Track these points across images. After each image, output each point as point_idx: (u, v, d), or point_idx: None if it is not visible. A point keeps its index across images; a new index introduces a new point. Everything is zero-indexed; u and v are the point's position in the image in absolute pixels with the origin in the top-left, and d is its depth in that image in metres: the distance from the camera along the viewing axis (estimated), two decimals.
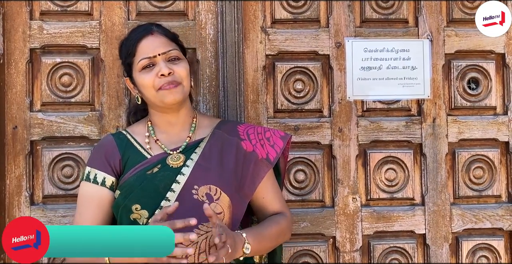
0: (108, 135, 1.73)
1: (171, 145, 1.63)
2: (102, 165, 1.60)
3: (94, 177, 1.60)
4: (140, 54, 1.59)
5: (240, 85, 1.98)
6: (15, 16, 1.94)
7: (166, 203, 1.52)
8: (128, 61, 1.63)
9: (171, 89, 1.56)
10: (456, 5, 2.11)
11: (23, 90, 1.93)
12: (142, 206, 1.53)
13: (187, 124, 1.68)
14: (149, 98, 1.62)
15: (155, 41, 1.60)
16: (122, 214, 1.55)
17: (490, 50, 2.11)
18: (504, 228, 2.08)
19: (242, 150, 1.64)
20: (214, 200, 1.55)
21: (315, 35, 2.05)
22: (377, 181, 2.06)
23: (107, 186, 1.59)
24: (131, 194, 1.54)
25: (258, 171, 1.65)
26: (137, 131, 1.68)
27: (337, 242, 2.01)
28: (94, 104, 1.97)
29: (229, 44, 1.98)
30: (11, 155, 1.91)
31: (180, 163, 1.59)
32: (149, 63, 1.58)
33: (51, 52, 1.96)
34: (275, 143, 1.70)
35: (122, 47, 1.67)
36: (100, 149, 1.66)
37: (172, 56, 1.60)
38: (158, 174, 1.57)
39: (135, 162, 1.60)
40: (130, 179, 1.57)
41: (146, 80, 1.58)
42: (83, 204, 1.61)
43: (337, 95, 2.04)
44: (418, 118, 2.07)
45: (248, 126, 1.75)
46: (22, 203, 1.91)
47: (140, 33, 1.62)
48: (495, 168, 2.10)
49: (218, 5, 1.98)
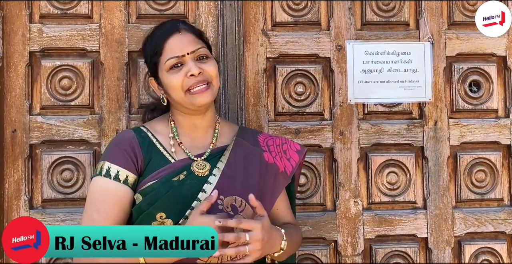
0: (128, 130, 1.63)
1: (194, 150, 1.56)
2: (125, 161, 1.50)
3: (116, 173, 1.48)
4: (168, 53, 1.51)
5: (241, 88, 1.98)
6: (14, 19, 1.93)
7: (191, 213, 1.43)
8: (154, 60, 1.55)
9: (203, 93, 1.50)
10: (457, 7, 2.11)
11: (23, 93, 1.92)
12: (167, 214, 1.45)
13: (210, 128, 1.62)
14: (177, 100, 1.54)
15: (183, 39, 1.53)
16: (143, 220, 1.46)
17: (491, 52, 2.10)
18: (506, 231, 2.07)
19: (264, 161, 1.60)
20: (239, 212, 1.48)
21: (316, 38, 2.04)
22: (378, 185, 2.04)
23: (129, 185, 1.49)
24: (156, 202, 1.45)
25: (278, 184, 1.60)
26: (158, 130, 1.59)
27: (338, 246, 2.00)
28: (94, 107, 1.96)
29: (229, 47, 1.97)
30: (10, 159, 1.90)
31: (206, 172, 1.52)
32: (177, 62, 1.51)
33: (50, 55, 1.95)
34: (291, 157, 1.66)
35: (147, 46, 1.60)
36: (121, 144, 1.53)
37: (200, 55, 1.54)
38: (185, 182, 1.49)
39: (158, 165, 1.51)
40: (155, 184, 1.48)
41: (175, 81, 1.50)
42: (103, 201, 1.47)
43: (338, 98, 2.03)
44: (419, 121, 2.06)
45: (267, 136, 1.71)
46: (21, 207, 1.89)
47: (167, 30, 1.55)
48: (497, 171, 2.09)
49: (219, 8, 1.98)
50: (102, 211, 1.46)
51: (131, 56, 1.96)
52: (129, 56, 1.95)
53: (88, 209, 1.49)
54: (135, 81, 1.97)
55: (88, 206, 1.49)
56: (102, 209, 1.46)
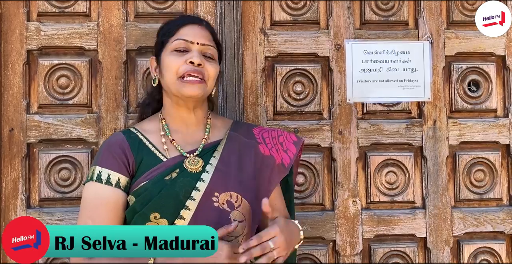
0: (118, 133, 1.61)
1: (186, 147, 1.55)
2: (116, 164, 1.48)
3: (107, 177, 1.47)
4: (179, 35, 1.53)
5: (240, 87, 1.97)
6: (12, 17, 1.92)
7: (185, 212, 1.43)
8: (163, 39, 1.56)
9: (194, 84, 1.49)
10: (456, 7, 2.10)
11: (20, 92, 1.91)
12: (161, 214, 1.43)
13: (201, 124, 1.61)
14: (168, 83, 1.53)
15: (199, 31, 1.56)
16: (137, 222, 1.44)
17: (490, 52, 2.10)
18: (505, 231, 2.06)
19: (260, 153, 1.58)
20: (236, 208, 1.48)
21: (314, 37, 2.03)
22: (377, 184, 2.04)
23: (121, 188, 1.48)
24: (150, 202, 1.44)
25: (274, 176, 1.59)
26: (148, 130, 1.58)
27: (337, 246, 1.99)
28: (92, 106, 1.95)
29: (228, 46, 1.97)
30: (7, 158, 1.89)
31: (199, 168, 1.50)
32: (184, 47, 1.52)
33: (48, 53, 1.94)
34: (288, 148, 1.65)
35: (164, 27, 1.62)
36: (111, 147, 1.52)
37: (208, 53, 1.55)
38: (178, 180, 1.47)
39: (150, 165, 1.50)
40: (146, 184, 1.47)
41: (173, 62, 1.50)
42: (96, 208, 1.46)
43: (337, 97, 2.03)
44: (418, 120, 2.05)
45: (262, 129, 1.70)
46: (18, 206, 1.88)
47: (189, 19, 1.59)
48: (496, 171, 2.09)
49: (217, 6, 1.97)
50: (96, 217, 1.45)
51: (129, 54, 1.95)
52: (127, 55, 1.94)
53: (82, 216, 1.48)
54: (133, 80, 1.96)
55: (82, 213, 1.48)
56: (96, 216, 1.45)
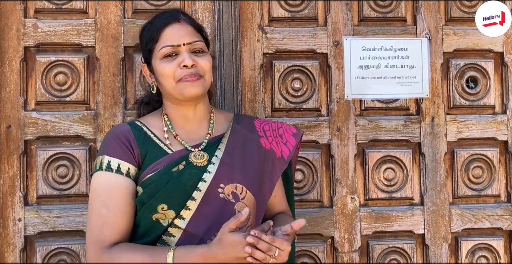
0: (123, 124, 1.61)
1: (191, 142, 1.55)
2: (125, 154, 1.48)
3: (117, 166, 1.46)
4: (164, 41, 1.51)
5: (238, 83, 1.97)
6: (9, 14, 1.91)
7: (192, 203, 1.44)
8: (149, 47, 1.54)
9: (193, 82, 1.49)
10: (454, 3, 2.10)
11: (17, 88, 1.90)
12: (169, 206, 1.44)
13: (205, 120, 1.61)
14: (167, 89, 1.53)
15: (181, 29, 1.52)
16: (144, 213, 1.45)
17: (488, 49, 2.10)
18: (503, 227, 2.07)
19: (262, 147, 1.59)
20: (240, 199, 1.49)
21: (313, 33, 2.03)
22: (375, 181, 2.04)
23: (131, 177, 1.47)
24: (157, 193, 1.44)
25: (276, 169, 1.60)
26: (152, 124, 1.58)
27: (335, 243, 1.99)
28: (89, 103, 1.94)
29: (226, 42, 1.96)
30: (4, 155, 1.88)
31: (204, 161, 1.50)
32: (172, 51, 1.50)
33: (45, 50, 1.93)
34: (287, 140, 1.66)
35: (144, 32, 1.58)
36: (118, 138, 1.51)
37: (196, 48, 1.53)
38: (185, 172, 1.47)
39: (155, 157, 1.50)
40: (153, 176, 1.47)
41: (167, 70, 1.49)
42: (109, 196, 1.44)
43: (335, 94, 2.02)
44: (416, 117, 2.05)
45: (263, 121, 1.70)
46: (16, 203, 1.87)
47: (166, 19, 1.54)
48: (494, 168, 2.09)
49: (215, 3, 1.97)
50: (110, 205, 1.44)
51: (126, 51, 1.94)
52: (125, 52, 1.94)
53: (94, 206, 1.46)
54: (131, 77, 1.95)
55: (93, 204, 1.46)
56: (111, 203, 1.44)
